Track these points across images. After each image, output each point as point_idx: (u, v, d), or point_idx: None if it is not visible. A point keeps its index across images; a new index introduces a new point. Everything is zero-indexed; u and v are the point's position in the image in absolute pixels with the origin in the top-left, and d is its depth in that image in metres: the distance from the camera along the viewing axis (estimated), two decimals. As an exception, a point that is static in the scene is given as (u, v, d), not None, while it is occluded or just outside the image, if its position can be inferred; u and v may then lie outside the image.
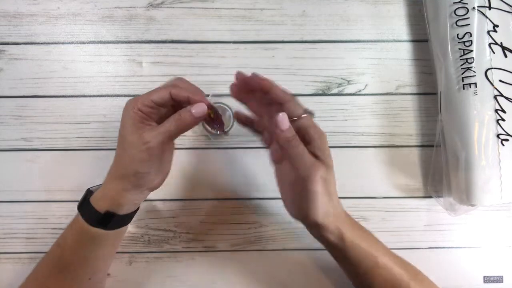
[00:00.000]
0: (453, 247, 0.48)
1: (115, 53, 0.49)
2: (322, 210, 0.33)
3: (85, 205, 0.36)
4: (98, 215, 0.36)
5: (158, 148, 0.33)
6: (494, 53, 0.41)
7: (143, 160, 0.34)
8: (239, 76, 0.36)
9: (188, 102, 0.34)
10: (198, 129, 0.48)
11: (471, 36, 0.41)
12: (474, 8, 0.41)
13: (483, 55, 0.41)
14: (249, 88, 0.36)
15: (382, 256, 0.37)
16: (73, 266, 0.39)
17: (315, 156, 0.34)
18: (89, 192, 0.38)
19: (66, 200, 0.48)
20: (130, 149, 0.34)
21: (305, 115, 0.34)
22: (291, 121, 0.34)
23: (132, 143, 0.33)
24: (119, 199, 0.36)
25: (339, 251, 0.36)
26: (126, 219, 0.38)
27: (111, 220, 0.36)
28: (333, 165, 0.35)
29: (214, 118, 0.37)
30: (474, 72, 0.41)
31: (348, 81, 0.49)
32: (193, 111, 0.33)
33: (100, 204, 0.36)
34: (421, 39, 0.49)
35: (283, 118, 0.33)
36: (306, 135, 0.34)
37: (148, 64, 0.48)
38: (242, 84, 0.37)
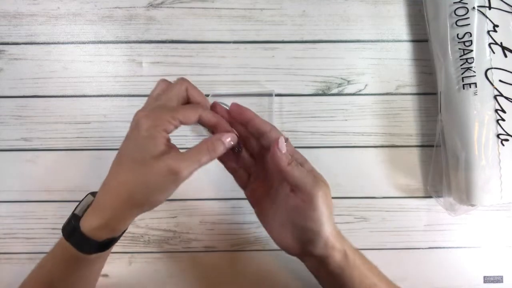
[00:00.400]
0: (453, 247, 0.48)
1: (115, 53, 0.49)
2: (330, 227, 0.33)
3: (77, 235, 0.32)
4: (94, 244, 0.32)
5: (187, 178, 0.30)
6: (494, 53, 0.41)
7: (169, 190, 0.30)
8: (217, 109, 0.35)
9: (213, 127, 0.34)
10: (198, 129, 0.48)
11: (471, 36, 0.41)
12: (474, 8, 0.41)
13: (483, 55, 0.41)
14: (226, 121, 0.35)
15: (379, 281, 0.36)
16: None
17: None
18: (75, 217, 0.32)
19: (66, 200, 0.48)
20: (153, 177, 0.29)
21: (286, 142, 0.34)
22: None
23: (158, 172, 0.29)
24: (121, 226, 0.32)
25: (341, 273, 0.34)
26: (121, 236, 0.35)
27: (110, 245, 0.34)
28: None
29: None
30: (474, 72, 0.41)
31: (348, 81, 0.49)
32: (227, 140, 0.33)
33: (97, 233, 0.31)
34: (421, 39, 0.49)
35: (282, 141, 0.33)
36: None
37: (148, 64, 0.48)
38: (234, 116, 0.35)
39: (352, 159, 0.48)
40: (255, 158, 0.37)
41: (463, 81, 0.42)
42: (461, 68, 0.42)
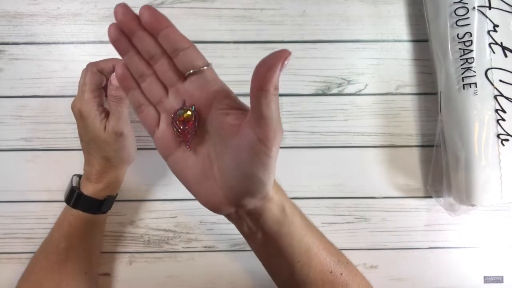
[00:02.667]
0: (453, 247, 0.48)
1: (115, 53, 0.48)
2: (273, 178, 0.27)
3: (82, 201, 0.40)
4: (99, 203, 0.41)
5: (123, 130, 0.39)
6: (494, 53, 0.41)
7: (125, 144, 0.40)
8: (122, 10, 0.27)
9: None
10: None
11: (471, 36, 0.41)
12: (474, 8, 0.41)
13: (483, 55, 0.41)
14: (133, 29, 0.27)
15: (318, 240, 0.32)
16: (71, 261, 0.40)
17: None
18: (76, 188, 0.41)
19: (66, 200, 0.48)
20: (111, 144, 0.39)
21: (206, 67, 0.27)
22: (189, 75, 0.27)
23: (111, 140, 0.39)
24: (114, 184, 0.43)
25: (278, 231, 0.29)
26: (116, 196, 0.45)
27: (112, 202, 0.44)
28: None
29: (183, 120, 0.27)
30: (474, 72, 0.41)
31: (348, 81, 0.49)
32: (113, 83, 0.37)
33: (98, 194, 0.41)
34: (421, 39, 0.49)
35: (279, 54, 0.24)
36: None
37: (148, 64, 0.48)
38: (127, 23, 0.27)
39: (352, 159, 0.48)
40: (167, 88, 0.28)
41: (463, 81, 0.42)
42: (461, 68, 0.42)
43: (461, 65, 0.42)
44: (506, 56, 0.41)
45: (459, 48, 0.42)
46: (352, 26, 0.49)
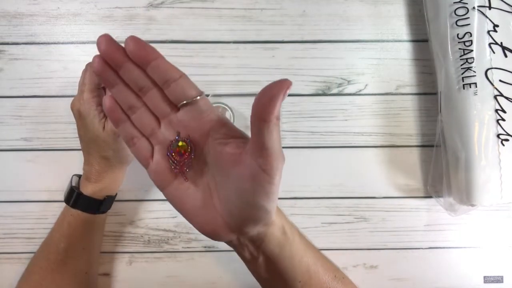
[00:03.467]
0: (453, 247, 0.48)
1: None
2: (276, 204, 0.26)
3: (82, 200, 0.41)
4: (98, 203, 0.41)
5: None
6: (494, 53, 0.41)
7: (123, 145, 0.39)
8: (106, 41, 0.26)
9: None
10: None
11: (471, 36, 0.41)
12: (474, 8, 0.41)
13: (483, 55, 0.41)
14: (119, 61, 0.26)
15: (317, 259, 0.33)
16: (71, 261, 0.40)
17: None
18: (76, 188, 0.41)
19: (66, 200, 0.48)
20: (110, 144, 0.39)
21: (200, 96, 0.26)
22: (183, 106, 0.26)
23: (111, 141, 0.39)
24: (113, 185, 0.43)
25: (279, 253, 0.29)
26: (115, 196, 0.45)
27: (112, 202, 0.44)
28: None
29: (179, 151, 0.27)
30: (474, 72, 0.41)
31: (348, 81, 0.49)
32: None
33: (97, 194, 0.41)
34: (421, 39, 0.49)
35: (283, 82, 0.23)
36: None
37: (148, 64, 0.48)
38: (112, 54, 0.26)
39: (352, 159, 0.48)
40: (159, 119, 0.27)
41: (463, 81, 0.42)
42: (461, 68, 0.42)
43: (461, 65, 0.42)
44: (506, 56, 0.41)
45: (459, 48, 0.42)
46: (352, 26, 0.49)
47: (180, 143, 0.26)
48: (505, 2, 0.42)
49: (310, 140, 0.48)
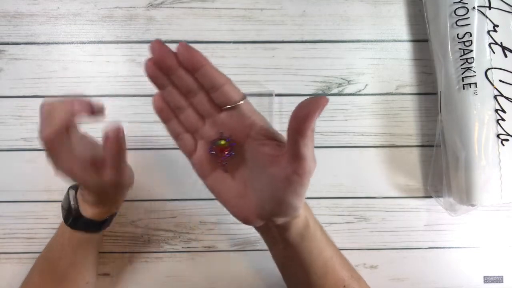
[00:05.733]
0: (453, 247, 0.48)
1: (115, 53, 0.48)
2: (303, 201, 0.29)
3: (81, 222, 0.37)
4: (98, 224, 0.38)
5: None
6: (494, 53, 0.41)
7: (126, 172, 0.35)
8: (159, 47, 0.27)
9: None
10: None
11: (471, 36, 0.41)
12: (474, 8, 0.41)
13: (483, 55, 0.41)
14: (170, 65, 0.27)
15: (335, 256, 0.34)
16: (70, 275, 0.39)
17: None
18: (75, 210, 0.37)
19: (66, 200, 0.48)
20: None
21: (242, 101, 0.28)
22: (226, 109, 0.28)
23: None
24: (115, 205, 0.39)
25: (300, 243, 0.31)
26: (116, 213, 0.42)
27: (113, 219, 0.40)
28: None
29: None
30: (474, 72, 0.41)
31: (348, 81, 0.49)
32: (110, 135, 0.32)
33: (98, 216, 0.38)
34: (421, 39, 0.49)
35: (321, 99, 0.25)
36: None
37: (148, 64, 0.48)
38: (162, 59, 0.27)
39: (352, 159, 0.48)
40: (204, 118, 0.30)
41: (463, 81, 0.42)
42: (461, 68, 0.42)
43: (461, 65, 0.42)
44: (506, 56, 0.41)
45: (459, 48, 0.42)
46: (352, 26, 0.49)
47: (222, 142, 0.29)
48: (505, 2, 0.42)
49: (310, 140, 0.48)
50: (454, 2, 0.42)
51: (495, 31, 0.41)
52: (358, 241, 0.48)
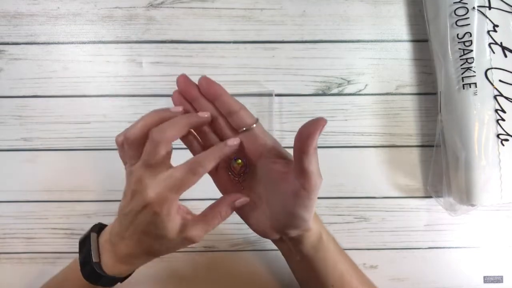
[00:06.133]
0: (453, 247, 0.48)
1: (115, 53, 0.49)
2: (312, 214, 0.32)
3: (103, 279, 0.33)
4: (119, 279, 0.35)
5: None
6: (494, 53, 0.41)
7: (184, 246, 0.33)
8: (184, 80, 0.32)
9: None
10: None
11: (471, 36, 0.41)
12: (474, 8, 0.41)
13: (483, 55, 0.41)
14: (193, 96, 0.32)
15: (350, 268, 0.36)
16: None
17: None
18: (96, 265, 0.33)
19: (66, 200, 0.48)
20: (171, 246, 0.33)
21: (255, 124, 0.32)
22: (242, 132, 0.32)
23: (175, 244, 0.32)
24: (141, 265, 0.36)
25: (314, 255, 0.34)
26: None
27: (129, 276, 0.37)
28: None
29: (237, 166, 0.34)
30: (474, 72, 0.41)
31: (348, 81, 0.49)
32: (236, 202, 0.33)
33: (121, 273, 0.35)
34: (421, 39, 0.49)
35: (320, 120, 0.29)
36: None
37: (148, 64, 0.48)
38: (187, 90, 0.32)
39: (352, 159, 0.48)
40: (223, 140, 0.33)
41: (463, 81, 0.42)
42: (461, 68, 0.42)
43: (461, 65, 0.42)
44: (506, 56, 0.41)
45: (459, 48, 0.42)
46: (352, 26, 0.49)
47: (238, 161, 0.33)
48: (505, 2, 0.42)
49: (310, 140, 0.48)
50: (454, 2, 0.42)
51: (495, 31, 0.41)
52: (358, 241, 0.48)
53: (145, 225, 0.31)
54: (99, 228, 0.36)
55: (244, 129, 0.32)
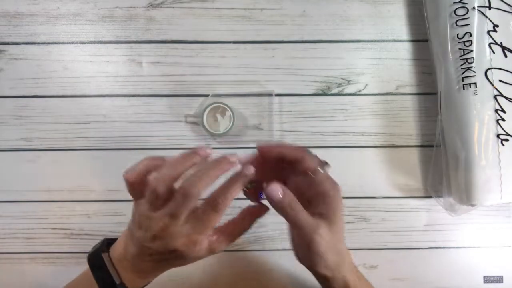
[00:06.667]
0: (453, 247, 0.48)
1: (115, 53, 0.49)
2: (330, 265, 0.32)
3: None
4: None
5: None
6: (494, 53, 0.41)
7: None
8: (264, 148, 0.32)
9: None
10: (198, 128, 0.48)
11: (471, 36, 0.41)
12: (474, 8, 0.41)
13: (483, 55, 0.41)
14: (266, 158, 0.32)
15: None
16: None
17: (319, 214, 0.31)
18: (119, 286, 0.34)
19: (66, 200, 0.48)
20: (194, 260, 0.33)
21: (321, 169, 0.31)
22: (306, 176, 0.31)
23: (199, 257, 0.33)
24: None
25: None
26: None
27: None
28: (340, 217, 0.32)
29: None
30: (474, 72, 0.41)
31: (348, 81, 0.49)
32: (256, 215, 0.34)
33: (141, 285, 0.36)
34: (421, 39, 0.49)
35: (272, 189, 0.30)
36: (319, 190, 0.31)
37: (148, 64, 0.48)
38: (264, 157, 0.32)
39: (352, 159, 0.48)
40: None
41: (463, 81, 0.42)
42: (461, 68, 0.42)
43: (461, 65, 0.42)
44: (506, 56, 0.41)
45: (459, 48, 0.42)
46: (352, 26, 0.49)
47: (249, 185, 0.34)
48: (505, 2, 0.42)
49: (310, 140, 0.48)
50: (454, 2, 0.42)
51: (495, 31, 0.41)
52: (358, 241, 0.48)
53: (173, 259, 0.33)
54: (106, 244, 0.35)
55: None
